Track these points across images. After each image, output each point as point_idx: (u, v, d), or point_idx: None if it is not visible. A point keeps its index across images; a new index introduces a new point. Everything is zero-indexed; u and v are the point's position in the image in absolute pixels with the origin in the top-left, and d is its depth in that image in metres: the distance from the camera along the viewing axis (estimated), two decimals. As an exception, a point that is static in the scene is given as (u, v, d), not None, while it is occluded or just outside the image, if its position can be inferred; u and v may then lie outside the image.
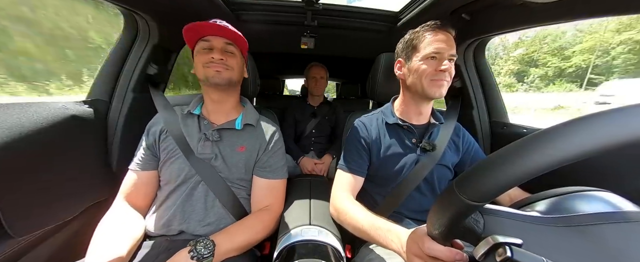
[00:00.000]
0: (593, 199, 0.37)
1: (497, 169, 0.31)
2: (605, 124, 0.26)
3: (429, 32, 0.77)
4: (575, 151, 0.26)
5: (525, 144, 0.30)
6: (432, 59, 0.76)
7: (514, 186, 0.30)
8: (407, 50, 0.82)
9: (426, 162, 0.82)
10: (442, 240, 0.42)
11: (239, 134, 0.84)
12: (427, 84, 0.77)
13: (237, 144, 0.82)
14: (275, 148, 0.87)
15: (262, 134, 0.87)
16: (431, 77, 0.76)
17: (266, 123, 0.91)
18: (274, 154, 0.86)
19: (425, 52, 0.76)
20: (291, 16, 1.25)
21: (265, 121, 0.92)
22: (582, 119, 0.28)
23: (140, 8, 0.85)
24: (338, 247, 0.72)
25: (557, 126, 0.29)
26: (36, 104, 0.71)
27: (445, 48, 0.74)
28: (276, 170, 0.86)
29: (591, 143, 0.26)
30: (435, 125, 0.87)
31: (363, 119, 0.92)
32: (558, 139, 0.28)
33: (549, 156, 0.27)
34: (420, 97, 0.82)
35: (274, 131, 0.90)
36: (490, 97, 1.19)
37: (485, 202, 0.32)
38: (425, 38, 0.77)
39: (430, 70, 0.75)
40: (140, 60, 0.97)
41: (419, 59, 0.77)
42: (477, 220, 0.36)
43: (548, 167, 0.27)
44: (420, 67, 0.77)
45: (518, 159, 0.29)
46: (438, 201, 0.38)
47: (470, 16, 0.93)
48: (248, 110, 0.89)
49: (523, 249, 0.32)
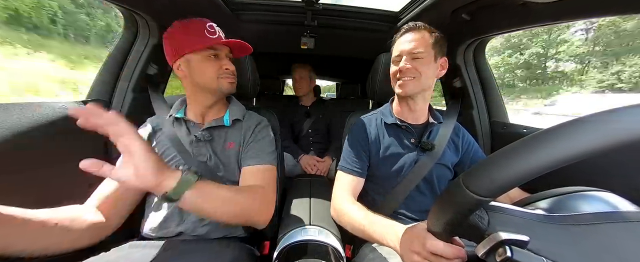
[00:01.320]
0: (594, 199, 0.37)
1: (508, 163, 0.30)
2: (623, 120, 0.26)
3: (401, 34, 0.84)
4: (589, 147, 0.26)
5: (537, 139, 0.30)
6: (397, 61, 0.82)
7: (523, 181, 0.30)
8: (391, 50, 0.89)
9: (425, 161, 0.82)
10: (445, 236, 0.42)
11: (227, 130, 0.83)
12: (394, 84, 0.85)
13: (227, 141, 0.82)
14: (259, 135, 0.84)
15: (246, 126, 0.85)
16: (395, 78, 0.84)
17: (251, 115, 0.90)
18: (257, 140, 0.83)
19: (393, 55, 0.85)
20: (291, 16, 1.25)
21: (250, 114, 0.90)
22: (598, 114, 0.27)
23: (140, 8, 0.85)
24: (338, 247, 0.72)
25: (571, 122, 0.28)
26: (36, 104, 0.71)
27: (408, 48, 0.79)
28: (260, 155, 0.80)
29: (606, 139, 0.26)
30: (433, 124, 0.88)
31: (363, 119, 0.92)
32: (571, 135, 0.27)
33: (560, 152, 0.27)
34: (398, 98, 0.89)
35: (260, 120, 0.88)
36: (490, 97, 1.19)
37: (493, 197, 0.31)
38: (396, 41, 0.85)
39: (394, 71, 0.84)
40: (140, 60, 0.97)
41: (391, 62, 0.86)
42: (481, 216, 0.35)
43: (559, 163, 0.27)
44: (391, 69, 0.86)
45: (529, 154, 0.29)
46: (442, 195, 0.38)
47: (470, 16, 0.93)
48: (233, 106, 0.88)
49: (523, 249, 0.32)
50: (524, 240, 0.32)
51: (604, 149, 0.26)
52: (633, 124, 0.25)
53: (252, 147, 0.81)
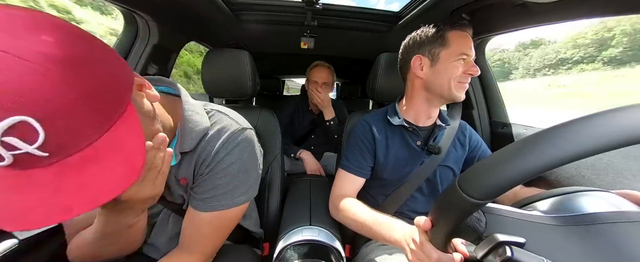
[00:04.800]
0: (594, 199, 0.37)
1: (501, 166, 0.31)
2: (614, 123, 0.26)
3: (456, 29, 0.72)
4: (580, 150, 0.26)
5: (530, 141, 0.30)
6: (462, 60, 0.72)
7: (517, 184, 0.30)
8: (433, 45, 0.74)
9: (430, 163, 0.81)
10: (444, 239, 0.42)
11: (178, 165, 0.58)
12: (455, 86, 0.72)
13: (178, 176, 0.59)
14: (218, 167, 0.57)
15: (203, 154, 0.57)
16: (459, 80, 0.72)
17: (214, 137, 0.58)
18: (210, 175, 0.57)
19: (457, 51, 0.71)
20: (291, 16, 1.25)
21: (218, 133, 0.58)
22: (589, 117, 0.28)
23: (141, 8, 0.85)
24: (338, 248, 0.72)
25: (563, 124, 0.29)
26: None
27: (471, 50, 0.72)
28: (210, 199, 0.57)
29: (597, 142, 0.26)
30: (441, 127, 0.84)
31: (367, 119, 0.89)
32: (563, 137, 0.28)
33: (553, 154, 0.27)
34: (440, 100, 0.77)
35: (227, 141, 0.58)
36: (490, 97, 1.19)
37: (488, 200, 0.31)
38: (455, 35, 0.72)
39: (459, 73, 0.71)
40: (140, 60, 0.97)
41: (450, 58, 0.71)
42: (479, 219, 0.36)
43: (552, 166, 0.27)
44: (452, 67, 0.71)
45: (521, 156, 0.29)
46: (440, 199, 0.38)
47: (470, 16, 0.93)
48: (185, 131, 0.55)
49: (523, 249, 0.32)
50: (521, 242, 0.32)
51: (595, 151, 0.26)
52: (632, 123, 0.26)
53: (202, 186, 0.58)
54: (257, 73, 1.07)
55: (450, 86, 0.72)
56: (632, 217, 0.32)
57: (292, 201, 0.96)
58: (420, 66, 0.77)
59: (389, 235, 0.60)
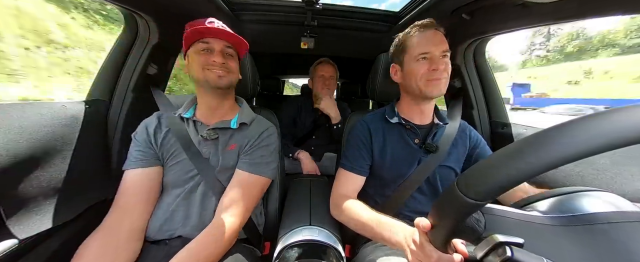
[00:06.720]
0: (593, 199, 0.37)
1: (498, 167, 0.31)
2: (608, 124, 0.26)
3: (417, 32, 0.78)
4: (577, 150, 0.26)
5: (528, 142, 0.30)
6: (424, 59, 0.76)
7: (515, 185, 0.30)
8: (397, 53, 0.84)
9: (429, 162, 0.81)
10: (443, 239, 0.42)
11: (232, 133, 0.83)
12: (424, 84, 0.77)
13: (230, 143, 0.82)
14: (262, 143, 0.84)
15: (253, 131, 0.85)
16: (426, 77, 0.76)
17: (260, 121, 0.90)
18: (258, 148, 0.82)
19: (415, 53, 0.77)
20: (291, 16, 1.25)
21: (259, 120, 0.91)
22: (584, 118, 0.28)
23: (141, 8, 0.85)
24: (338, 248, 0.72)
25: (559, 126, 0.29)
26: (36, 104, 0.71)
27: (435, 46, 0.75)
28: (258, 165, 0.80)
29: (595, 142, 0.26)
30: (438, 125, 0.86)
31: (366, 119, 0.91)
32: (560, 138, 0.28)
33: (551, 155, 0.27)
34: (421, 98, 0.82)
35: (267, 127, 0.88)
36: (490, 97, 1.19)
37: (486, 201, 0.32)
38: (413, 38, 0.78)
39: (423, 71, 0.76)
40: (140, 60, 0.97)
41: (412, 61, 0.78)
42: (478, 219, 0.36)
43: (549, 167, 0.27)
44: (414, 69, 0.77)
45: (519, 157, 0.30)
46: (439, 200, 0.38)
47: (470, 16, 0.93)
48: (244, 110, 0.88)
49: (523, 249, 0.32)
50: (519, 242, 0.32)
51: (594, 151, 0.26)
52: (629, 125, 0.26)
53: (252, 154, 0.81)
54: (257, 73, 1.07)
55: (418, 85, 0.78)
56: (631, 217, 0.32)
57: (292, 200, 0.96)
58: (395, 73, 0.87)
59: (390, 236, 0.60)
